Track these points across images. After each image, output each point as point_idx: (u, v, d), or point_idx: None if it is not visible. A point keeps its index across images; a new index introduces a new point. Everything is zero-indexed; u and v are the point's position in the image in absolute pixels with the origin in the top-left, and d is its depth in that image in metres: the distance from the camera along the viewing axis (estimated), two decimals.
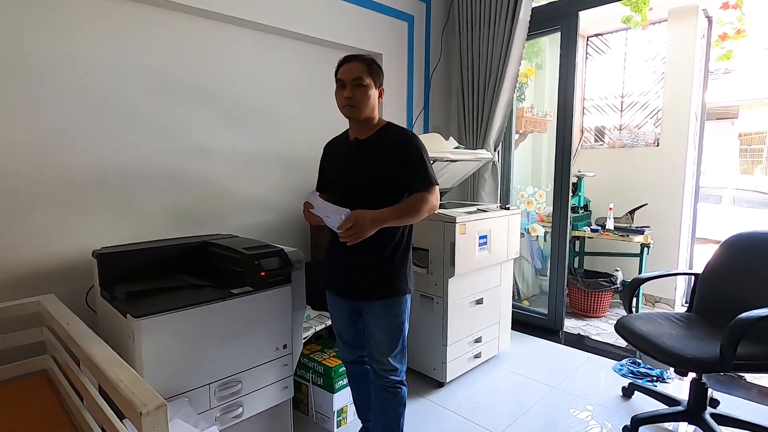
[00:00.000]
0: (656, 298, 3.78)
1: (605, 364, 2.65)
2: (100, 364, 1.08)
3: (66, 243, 1.73)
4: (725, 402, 2.17)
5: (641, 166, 3.85)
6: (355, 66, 1.50)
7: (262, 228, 2.33)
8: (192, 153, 2.07)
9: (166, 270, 1.70)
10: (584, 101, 4.39)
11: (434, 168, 2.30)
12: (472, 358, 2.49)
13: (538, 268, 3.86)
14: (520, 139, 3.81)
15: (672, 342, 1.81)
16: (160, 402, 0.91)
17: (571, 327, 3.27)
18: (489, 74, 2.91)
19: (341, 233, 1.37)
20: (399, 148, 1.51)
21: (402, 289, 1.56)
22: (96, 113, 1.78)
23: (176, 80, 1.99)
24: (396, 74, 2.86)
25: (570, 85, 2.89)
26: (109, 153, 1.82)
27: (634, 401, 2.24)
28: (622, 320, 2.05)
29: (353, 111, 1.51)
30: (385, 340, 1.57)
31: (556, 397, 2.29)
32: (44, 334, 1.57)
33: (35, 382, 1.51)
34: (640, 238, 3.34)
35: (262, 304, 1.61)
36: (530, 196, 3.45)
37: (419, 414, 2.12)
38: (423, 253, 2.31)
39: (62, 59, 1.68)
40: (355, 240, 1.38)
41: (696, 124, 3.66)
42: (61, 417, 1.33)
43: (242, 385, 1.58)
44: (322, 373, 1.99)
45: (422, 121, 3.09)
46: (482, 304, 2.48)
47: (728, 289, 2.04)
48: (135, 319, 1.32)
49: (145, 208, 1.94)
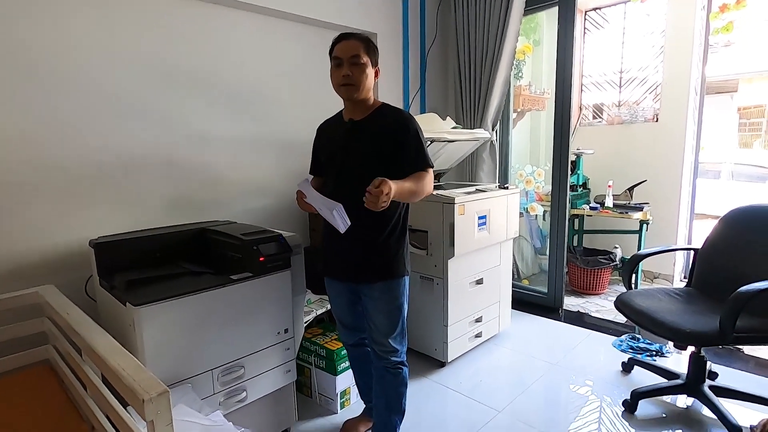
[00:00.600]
0: (655, 274, 3.80)
1: (605, 340, 2.68)
2: (102, 353, 1.08)
3: (64, 233, 1.72)
4: (723, 374, 2.20)
5: (640, 142, 3.82)
6: (352, 43, 1.46)
7: (261, 213, 2.31)
8: (189, 139, 2.04)
9: (165, 258, 1.70)
10: (582, 78, 4.33)
11: (432, 149, 2.30)
12: (473, 337, 2.51)
13: (537, 247, 3.87)
14: (518, 117, 3.77)
15: (672, 317, 1.82)
16: (162, 389, 0.91)
17: (571, 305, 3.29)
18: (486, 51, 2.86)
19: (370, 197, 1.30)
20: (395, 130, 1.48)
21: (400, 271, 1.56)
22: (91, 102, 1.75)
23: (172, 66, 1.95)
24: (391, 54, 2.81)
25: (568, 61, 2.84)
26: (106, 142, 1.80)
27: (634, 376, 2.27)
28: (622, 296, 2.06)
29: (350, 90, 1.47)
30: (384, 322, 1.57)
31: (557, 373, 2.32)
32: (45, 324, 1.57)
33: (38, 372, 1.52)
34: (639, 215, 3.34)
35: (262, 290, 1.61)
36: (529, 175, 3.43)
37: (421, 393, 2.15)
38: (422, 235, 2.31)
39: (56, 48, 1.65)
40: (375, 206, 1.30)
41: (695, 99, 3.62)
42: (66, 406, 1.34)
43: (245, 369, 1.59)
44: (324, 356, 2.00)
45: (419, 101, 3.05)
46: (482, 284, 2.49)
47: (727, 263, 2.05)
48: (135, 308, 1.31)
49: (143, 196, 1.92)
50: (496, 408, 2.02)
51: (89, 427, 1.27)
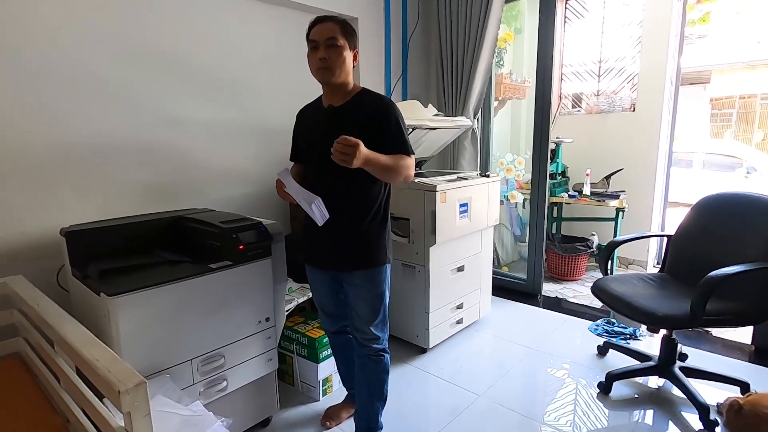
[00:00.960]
0: (630, 261, 3.91)
1: (581, 324, 2.75)
2: (75, 345, 1.04)
3: (32, 221, 1.66)
4: (693, 356, 2.29)
5: (617, 131, 3.89)
6: (328, 26, 1.43)
7: (240, 201, 2.27)
8: (164, 124, 1.98)
9: (140, 247, 1.65)
10: (562, 67, 4.37)
11: (413, 136, 2.29)
12: (454, 323, 2.54)
13: (517, 234, 3.93)
14: (499, 106, 3.78)
15: (646, 301, 1.87)
16: (139, 380, 0.89)
17: (549, 291, 3.36)
18: (468, 38, 2.85)
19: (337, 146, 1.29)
20: (376, 116, 1.46)
21: (381, 258, 1.55)
22: (59, 84, 1.67)
23: (145, 49, 1.88)
24: (373, 40, 2.77)
25: (549, 49, 2.85)
26: (75, 126, 1.73)
27: (609, 359, 2.34)
28: (599, 282, 2.11)
29: (327, 74, 1.44)
30: (366, 310, 1.57)
31: (535, 357, 2.37)
32: (15, 316, 1.51)
33: (9, 365, 1.47)
34: (616, 203, 3.42)
35: (242, 278, 1.59)
36: (509, 164, 3.47)
37: (403, 379, 2.17)
38: (404, 223, 2.31)
39: (19, 29, 1.56)
40: (341, 161, 1.30)
41: (671, 89, 3.70)
42: (39, 399, 1.30)
43: (225, 359, 1.58)
44: (306, 344, 2.00)
45: (401, 88, 3.03)
46: (463, 271, 2.51)
47: (698, 249, 2.12)
48: (109, 298, 1.28)
49: (117, 183, 1.86)
50: (476, 392, 2.06)
51: (64, 420, 1.24)
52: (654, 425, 1.88)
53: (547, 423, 1.86)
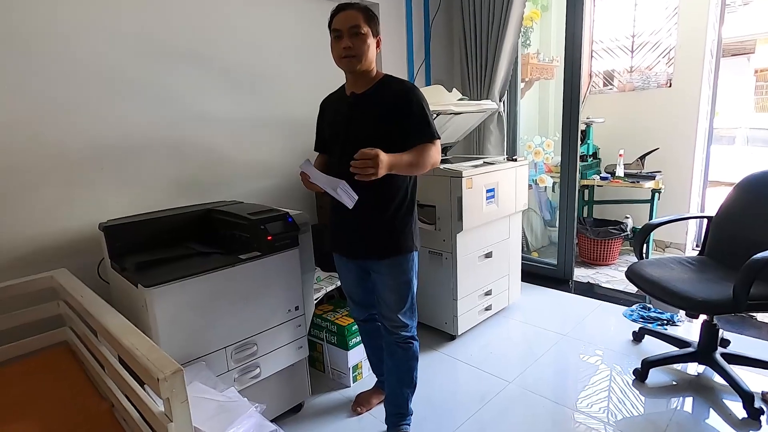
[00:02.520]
0: (666, 243, 3.76)
1: (615, 310, 2.68)
2: (116, 334, 1.09)
3: (73, 217, 1.74)
4: (736, 341, 2.19)
5: (652, 109, 3.71)
6: (352, 13, 1.42)
7: (267, 192, 2.31)
8: (191, 120, 2.02)
9: (173, 239, 1.71)
10: (593, 44, 4.18)
11: (438, 121, 2.25)
12: (483, 310, 2.52)
13: (547, 219, 3.84)
14: (525, 87, 3.67)
15: (684, 286, 1.80)
16: (176, 367, 0.93)
17: (581, 276, 3.28)
18: (492, 18, 2.77)
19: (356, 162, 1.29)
20: (399, 101, 1.45)
21: (408, 246, 1.55)
22: (91, 84, 1.73)
23: (170, 46, 1.92)
24: (394, 25, 2.73)
25: (578, 27, 2.73)
26: (108, 124, 1.79)
27: (645, 345, 2.27)
28: (634, 266, 2.04)
29: (352, 62, 1.43)
30: (394, 298, 1.58)
31: (567, 344, 2.33)
32: (61, 307, 1.60)
33: (58, 353, 1.56)
34: (651, 184, 3.28)
35: (271, 268, 1.62)
36: (538, 146, 3.37)
37: (432, 366, 2.18)
38: (430, 210, 2.29)
39: (52, 30, 1.62)
40: (365, 176, 1.29)
41: (711, 62, 3.49)
42: (85, 385, 1.38)
43: (258, 346, 1.62)
44: (335, 332, 2.03)
45: (424, 74, 2.98)
46: (491, 257, 2.48)
47: (741, 230, 2.01)
48: (146, 289, 1.33)
49: (149, 178, 1.92)
50: (506, 379, 2.05)
51: (109, 405, 1.30)
52: (694, 413, 1.82)
53: (581, 410, 1.83)
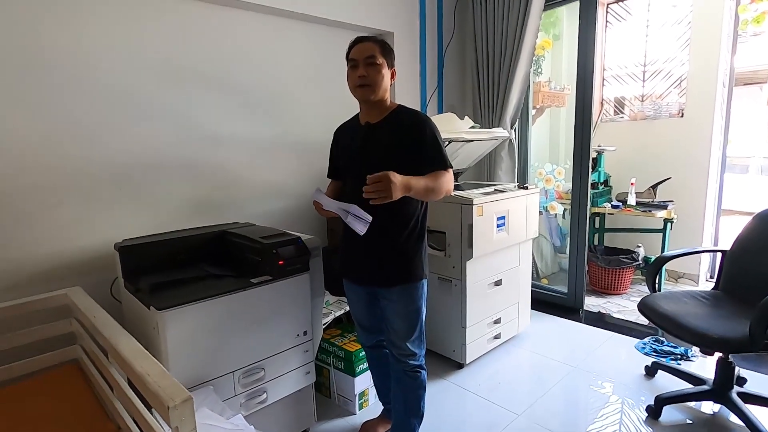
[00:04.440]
0: (680, 274, 3.70)
1: (627, 342, 2.63)
2: (127, 357, 1.10)
3: (90, 236, 1.77)
4: (753, 379, 2.13)
5: (664, 138, 3.71)
6: (368, 45, 1.47)
7: (279, 214, 2.33)
8: (208, 141, 2.06)
9: (187, 260, 1.73)
10: (604, 71, 4.22)
11: (449, 149, 2.28)
12: (492, 339, 2.49)
13: (557, 245, 3.81)
14: (537, 114, 3.70)
15: (698, 321, 1.77)
16: (186, 396, 0.93)
17: (592, 305, 3.23)
18: (504, 48, 2.82)
19: (368, 187, 1.29)
20: (412, 131, 1.47)
21: (418, 274, 1.55)
22: (111, 105, 1.78)
23: (189, 69, 1.98)
24: (408, 53, 2.79)
25: (589, 57, 2.77)
26: (126, 144, 1.83)
27: (658, 380, 2.22)
28: (646, 300, 2.01)
29: (366, 91, 1.47)
30: (403, 326, 1.57)
31: (577, 376, 2.29)
32: (73, 325, 1.62)
33: (68, 371, 1.56)
34: (663, 213, 3.26)
35: (282, 293, 1.63)
36: (549, 174, 3.38)
37: (440, 395, 2.15)
38: (440, 236, 2.29)
39: (75, 53, 1.68)
40: (380, 199, 1.29)
41: (723, 92, 3.49)
42: (93, 405, 1.38)
43: (265, 371, 1.61)
44: (342, 357, 2.01)
45: (436, 101, 3.02)
46: (501, 285, 2.46)
47: (758, 266, 1.98)
48: (158, 312, 1.34)
49: (164, 198, 1.96)
50: (515, 411, 2.01)
51: (116, 427, 1.30)
52: None
53: None
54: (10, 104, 1.56)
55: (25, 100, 1.59)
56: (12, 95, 1.56)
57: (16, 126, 1.58)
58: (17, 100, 1.58)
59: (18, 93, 1.57)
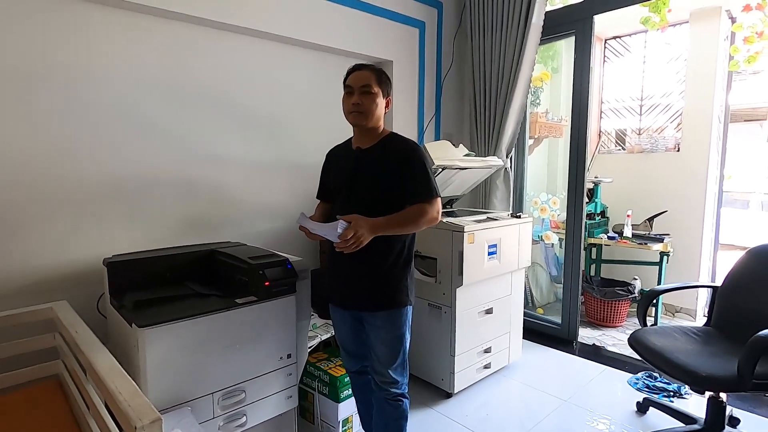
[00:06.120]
0: (677, 308, 3.66)
1: (620, 377, 2.58)
2: (102, 375, 1.10)
3: (81, 250, 1.78)
4: (746, 420, 2.08)
5: (661, 172, 3.73)
6: (365, 74, 1.51)
7: (272, 234, 2.35)
8: (204, 161, 2.10)
9: (174, 278, 1.73)
10: (602, 104, 4.29)
11: (444, 175, 2.30)
12: (482, 368, 2.45)
13: (554, 275, 3.79)
14: (534, 144, 3.75)
15: (687, 358, 1.75)
16: (155, 416, 0.92)
17: (586, 337, 3.19)
18: (501, 79, 2.88)
19: (339, 243, 1.36)
20: (401, 158, 1.50)
21: (403, 300, 1.55)
22: (110, 123, 1.82)
23: (189, 90, 2.03)
24: (407, 81, 2.85)
25: (585, 90, 2.83)
26: (123, 161, 1.87)
27: (649, 417, 2.17)
28: (636, 334, 1.99)
29: (359, 117, 1.50)
30: (385, 352, 1.56)
31: (568, 410, 2.24)
32: (57, 340, 1.61)
33: (48, 387, 1.55)
34: (659, 246, 3.25)
35: (267, 314, 1.62)
36: (544, 203, 3.39)
37: (425, 425, 2.10)
38: (431, 262, 2.29)
39: (78, 72, 1.74)
40: (353, 249, 1.37)
41: (719, 127, 3.54)
42: (69, 423, 1.37)
43: (246, 394, 1.59)
44: (327, 382, 1.99)
45: (433, 128, 3.07)
46: (492, 313, 2.44)
47: (749, 303, 1.96)
48: (140, 329, 1.34)
49: (158, 215, 1.98)
50: None
51: None
52: None
53: None
54: (8, 118, 1.60)
55: (24, 115, 1.63)
56: (10, 109, 1.60)
57: (13, 139, 1.61)
58: (16, 114, 1.62)
59: (17, 107, 1.62)
